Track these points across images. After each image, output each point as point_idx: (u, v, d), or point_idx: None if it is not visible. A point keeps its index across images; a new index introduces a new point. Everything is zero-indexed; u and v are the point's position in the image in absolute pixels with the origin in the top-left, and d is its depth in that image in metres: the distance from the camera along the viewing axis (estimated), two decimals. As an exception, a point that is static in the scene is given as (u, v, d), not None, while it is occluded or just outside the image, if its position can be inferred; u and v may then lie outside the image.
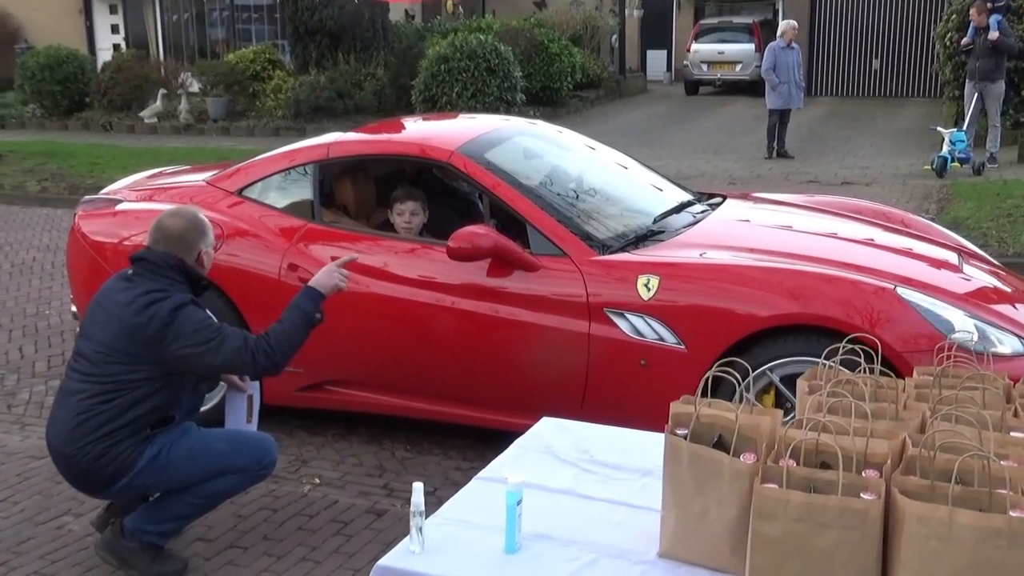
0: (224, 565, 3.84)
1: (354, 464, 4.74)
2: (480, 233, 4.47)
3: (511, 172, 4.90)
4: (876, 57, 22.98)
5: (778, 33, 14.25)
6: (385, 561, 2.26)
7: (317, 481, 4.55)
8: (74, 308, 5.73)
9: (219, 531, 4.08)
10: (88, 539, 3.97)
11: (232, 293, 4.91)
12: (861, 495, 1.96)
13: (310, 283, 3.86)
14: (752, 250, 4.58)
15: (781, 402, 4.11)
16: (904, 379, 2.63)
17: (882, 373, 2.58)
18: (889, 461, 2.06)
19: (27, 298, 7.69)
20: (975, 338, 4.03)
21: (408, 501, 4.12)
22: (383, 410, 4.89)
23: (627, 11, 24.90)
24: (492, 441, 3.20)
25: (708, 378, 2.33)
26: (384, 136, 5.51)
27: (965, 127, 12.45)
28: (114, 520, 3.80)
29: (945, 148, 12.02)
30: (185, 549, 3.92)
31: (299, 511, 4.27)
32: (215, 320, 3.68)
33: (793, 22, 14.42)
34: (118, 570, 3.74)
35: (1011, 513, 1.88)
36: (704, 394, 2.31)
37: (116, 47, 24.01)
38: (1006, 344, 4.08)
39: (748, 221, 5.21)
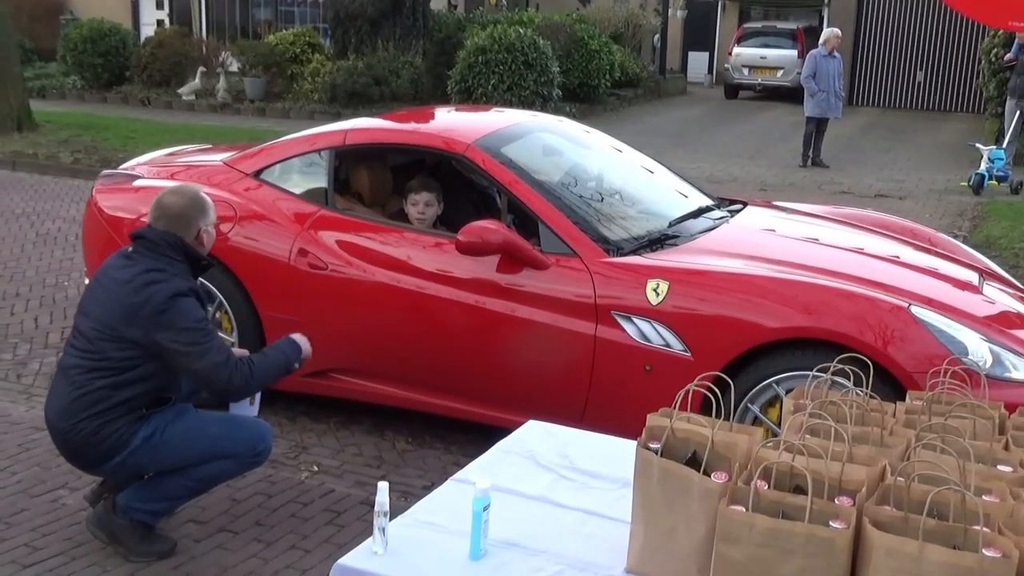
0: (214, 548, 3.83)
1: (353, 454, 4.73)
2: (490, 228, 4.43)
3: (527, 168, 4.86)
4: (920, 69, 22.71)
5: (820, 40, 14.07)
6: (345, 560, 2.23)
7: (315, 468, 4.54)
8: (87, 281, 5.74)
9: (212, 514, 4.08)
10: (80, 514, 3.97)
11: (242, 274, 4.91)
12: (830, 523, 1.90)
13: (294, 337, 3.92)
14: (766, 259, 4.51)
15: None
16: (895, 403, 2.55)
17: (886, 394, 2.51)
18: (864, 489, 2.00)
19: (48, 268, 7.75)
20: (988, 362, 3.95)
21: (403, 495, 4.14)
22: (386, 400, 4.87)
23: (670, 11, 24.73)
24: (495, 437, 3.16)
25: (689, 391, 2.28)
26: (402, 125, 5.49)
27: (1004, 145, 12.26)
28: (107, 496, 3.81)
29: (983, 165, 11.84)
30: (176, 530, 3.91)
31: (294, 498, 4.25)
32: (209, 324, 3.66)
33: (836, 30, 14.23)
34: (107, 546, 3.74)
35: (984, 552, 1.81)
36: (700, 408, 2.26)
37: (160, 23, 24.19)
38: (1021, 370, 4.00)
39: (766, 230, 5.13)
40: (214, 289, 4.90)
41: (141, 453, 3.57)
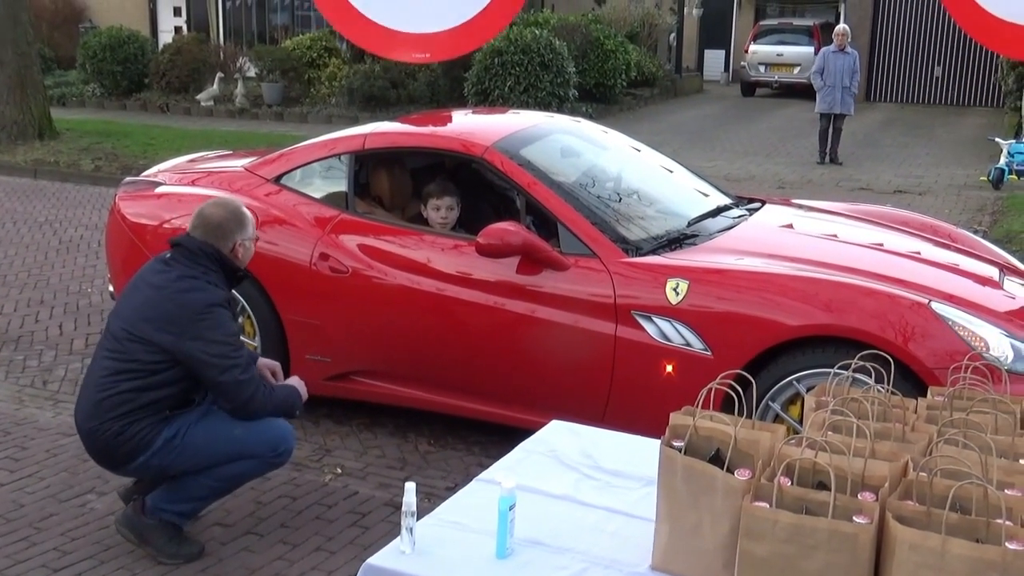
0: (240, 551, 3.87)
1: (377, 456, 4.76)
2: (510, 230, 4.45)
3: (545, 170, 4.88)
4: (938, 64, 22.59)
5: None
6: (374, 560, 2.26)
7: (339, 471, 4.57)
8: (111, 288, 5.81)
9: (237, 516, 4.12)
10: (109, 518, 4.02)
11: (263, 279, 4.94)
12: (853, 518, 1.92)
13: (294, 383, 3.98)
14: (785, 257, 4.52)
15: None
16: (916, 399, 2.56)
17: (907, 390, 2.52)
18: (887, 484, 2.01)
19: (71, 275, 7.82)
20: (1009, 357, 3.95)
21: (427, 496, 4.17)
22: (408, 403, 4.90)
23: (686, 10, 24.69)
24: (517, 439, 3.18)
25: (711, 389, 2.29)
26: (420, 128, 5.52)
27: (1024, 138, 12.21)
28: (136, 496, 3.86)
29: (1003, 159, 11.79)
30: (202, 533, 3.96)
31: (318, 500, 4.29)
32: (239, 340, 3.75)
33: (844, 26, 14.21)
34: (136, 548, 3.79)
35: (1007, 545, 1.82)
36: (721, 406, 2.28)
37: (177, 30, 24.36)
38: (1042, 364, 3.98)
39: (785, 227, 5.14)
40: (236, 294, 4.93)
41: (164, 454, 3.62)
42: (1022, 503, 1.99)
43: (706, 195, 5.48)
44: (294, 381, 3.99)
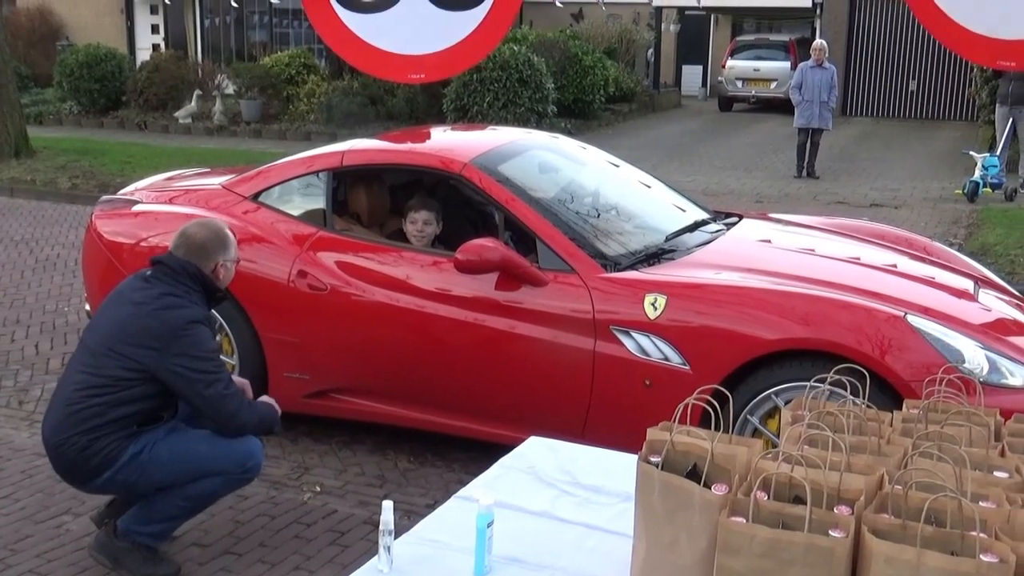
0: (218, 571, 3.84)
1: (356, 474, 4.74)
2: (488, 246, 4.46)
3: (524, 186, 4.89)
4: (913, 79, 22.80)
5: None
6: (351, 579, 2.25)
7: (318, 489, 4.55)
8: (87, 307, 5.77)
9: (215, 536, 4.09)
10: (84, 539, 3.99)
11: (241, 297, 4.93)
12: (829, 532, 1.92)
13: (269, 400, 3.98)
14: (762, 271, 4.55)
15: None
16: (892, 412, 2.58)
17: (884, 403, 2.53)
18: (863, 498, 2.02)
19: (47, 294, 7.77)
20: (985, 369, 3.98)
21: (406, 514, 4.15)
22: (387, 420, 4.89)
23: (663, 25, 24.85)
24: (497, 455, 3.18)
25: (689, 405, 2.30)
26: (399, 145, 5.52)
27: (998, 152, 12.32)
28: (108, 520, 3.83)
29: (977, 173, 11.91)
30: (180, 553, 3.93)
31: (297, 519, 4.27)
32: (220, 356, 3.76)
33: (823, 42, 14.32)
34: (111, 571, 3.75)
35: (982, 557, 1.83)
36: (701, 421, 2.28)
37: (155, 47, 24.31)
38: (1017, 376, 4.02)
39: (762, 242, 5.17)
40: (215, 312, 4.91)
41: (130, 469, 3.59)
42: (996, 515, 2.00)
43: (684, 210, 5.50)
44: (267, 399, 3.98)
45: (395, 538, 2.39)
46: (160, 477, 3.64)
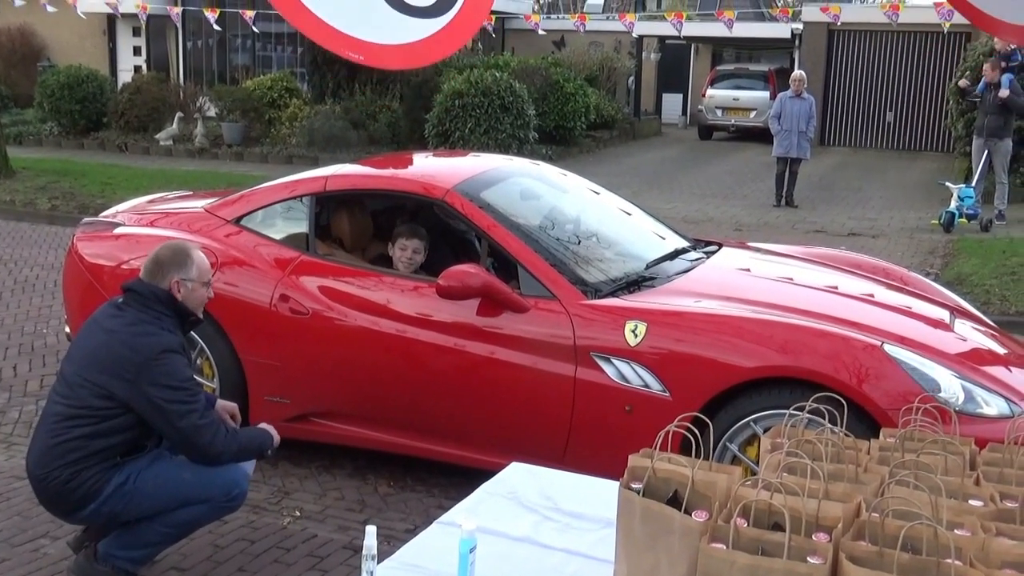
0: (196, 595, 3.83)
1: (336, 498, 4.73)
2: (470, 272, 4.49)
3: (505, 212, 4.93)
4: (890, 110, 23.05)
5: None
6: (334, 603, 2.25)
7: (297, 514, 4.54)
8: (68, 329, 5.76)
9: (194, 560, 4.07)
10: (63, 563, 3.96)
11: (223, 320, 4.92)
12: (808, 559, 1.95)
13: (266, 427, 3.95)
14: (742, 300, 4.59)
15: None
16: (869, 440, 2.61)
17: (862, 431, 2.57)
18: (840, 525, 2.05)
19: (26, 316, 7.73)
20: (960, 398, 4.02)
21: (386, 539, 4.15)
22: (367, 444, 4.89)
23: (644, 54, 25.07)
24: (477, 480, 3.19)
25: (669, 432, 2.33)
26: (382, 171, 5.55)
27: (973, 183, 12.47)
28: (88, 544, 3.81)
29: (953, 203, 12.03)
30: (158, 577, 3.91)
31: (276, 543, 4.25)
32: (195, 385, 3.71)
33: (802, 72, 14.48)
34: (89, 595, 3.73)
35: (956, 584, 1.87)
36: (681, 447, 2.31)
37: (137, 69, 24.31)
38: (992, 406, 4.07)
39: (741, 270, 5.22)
40: (195, 335, 4.91)
41: (114, 501, 3.58)
42: (971, 543, 2.03)
43: (663, 238, 5.55)
44: (264, 426, 3.96)
45: (377, 563, 2.39)
46: (146, 506, 3.62)
